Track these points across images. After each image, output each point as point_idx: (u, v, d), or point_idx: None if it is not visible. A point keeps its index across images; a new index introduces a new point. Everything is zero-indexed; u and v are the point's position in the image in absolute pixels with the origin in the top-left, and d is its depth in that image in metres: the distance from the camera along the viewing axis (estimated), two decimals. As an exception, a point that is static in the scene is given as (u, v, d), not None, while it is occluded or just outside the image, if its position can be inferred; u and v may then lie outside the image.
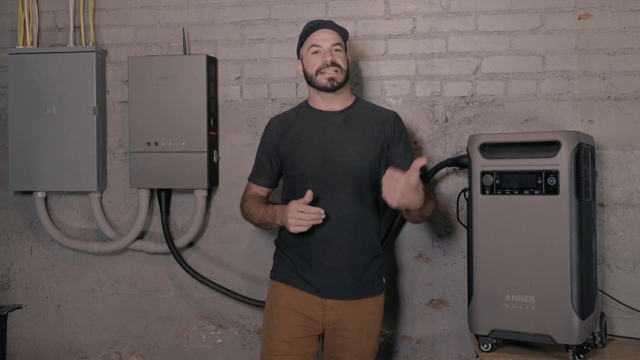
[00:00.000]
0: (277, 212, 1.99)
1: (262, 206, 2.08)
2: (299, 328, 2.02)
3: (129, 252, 2.69)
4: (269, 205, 2.07)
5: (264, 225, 2.08)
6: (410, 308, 2.49)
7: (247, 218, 2.14)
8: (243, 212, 2.16)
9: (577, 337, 1.88)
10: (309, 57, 2.07)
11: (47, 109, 2.61)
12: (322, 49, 2.05)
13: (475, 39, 2.42)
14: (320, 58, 2.04)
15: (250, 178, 2.21)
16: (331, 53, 2.04)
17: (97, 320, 2.73)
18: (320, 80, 2.04)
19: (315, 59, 2.05)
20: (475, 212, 2.02)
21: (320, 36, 2.06)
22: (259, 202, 2.12)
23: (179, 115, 2.50)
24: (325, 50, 2.04)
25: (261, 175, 2.18)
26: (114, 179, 2.69)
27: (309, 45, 2.07)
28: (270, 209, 2.03)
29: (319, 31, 2.07)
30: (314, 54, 2.06)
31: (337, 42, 2.06)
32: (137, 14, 2.69)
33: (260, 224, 2.10)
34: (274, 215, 2.01)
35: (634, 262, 2.32)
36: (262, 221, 2.07)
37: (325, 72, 2.02)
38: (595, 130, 2.34)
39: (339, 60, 2.04)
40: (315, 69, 2.04)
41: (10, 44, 2.77)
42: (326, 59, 2.03)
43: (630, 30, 2.32)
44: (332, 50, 2.04)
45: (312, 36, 2.07)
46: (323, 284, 2.01)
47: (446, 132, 2.45)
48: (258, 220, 2.09)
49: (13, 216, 2.79)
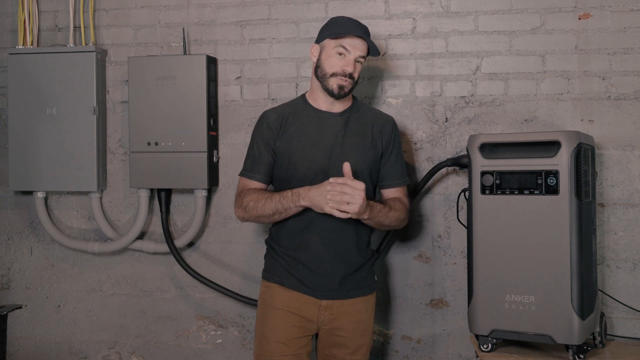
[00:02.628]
0: (304, 192, 1.88)
1: (274, 194, 1.96)
2: (294, 328, 2.02)
3: (129, 252, 2.69)
4: (282, 191, 1.95)
5: (279, 214, 1.95)
6: (410, 308, 2.49)
7: (252, 213, 1.99)
8: (243, 209, 2.01)
9: (577, 337, 1.88)
10: (331, 54, 2.01)
11: (47, 109, 2.61)
12: (348, 56, 2.00)
13: (475, 39, 2.42)
14: (341, 63, 2.00)
15: (245, 174, 2.08)
16: (354, 64, 2.01)
17: (97, 320, 2.73)
18: (331, 83, 2.01)
19: (337, 61, 2.00)
20: (475, 212, 2.02)
21: (354, 43, 2.00)
22: (264, 193, 2.00)
23: (179, 115, 2.50)
24: (350, 58, 2.00)
25: (258, 170, 2.05)
26: (114, 179, 2.69)
27: (337, 44, 2.00)
28: (289, 192, 1.92)
29: (354, 38, 2.01)
30: (338, 54, 2.01)
31: (363, 55, 2.03)
32: (137, 14, 2.69)
33: (273, 213, 1.95)
34: (296, 197, 1.89)
35: (634, 262, 2.32)
36: (276, 209, 1.94)
37: (340, 79, 1.99)
38: (595, 130, 2.34)
39: (355, 74, 2.02)
40: (333, 71, 2.00)
41: (10, 44, 2.77)
42: (346, 68, 1.99)
43: (630, 30, 2.32)
44: (355, 61, 2.02)
45: (346, 39, 2.00)
46: (318, 285, 2.01)
47: (446, 132, 2.45)
48: (271, 210, 1.95)
49: (13, 216, 2.79)
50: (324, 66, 2.02)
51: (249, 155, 2.10)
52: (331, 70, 2.00)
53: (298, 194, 1.90)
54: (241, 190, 2.06)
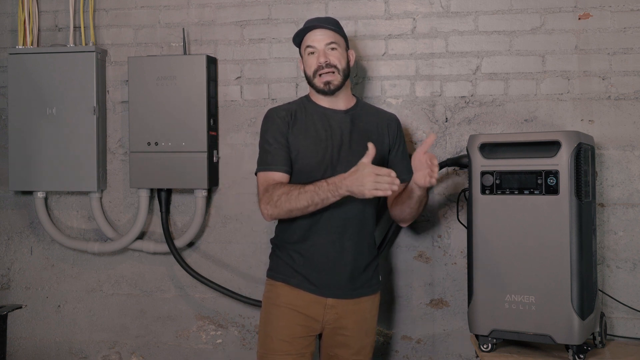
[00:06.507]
0: (339, 181, 1.81)
1: (307, 185, 1.88)
2: (298, 327, 2.02)
3: (129, 252, 2.69)
4: (315, 182, 1.87)
5: (314, 205, 1.87)
6: (410, 308, 2.49)
7: (284, 207, 1.90)
8: (273, 205, 1.92)
9: (577, 337, 1.88)
10: (306, 58, 2.08)
11: (47, 109, 2.61)
12: (316, 50, 2.04)
13: (475, 39, 2.42)
14: (315, 59, 2.04)
15: (266, 168, 2.00)
16: (325, 54, 2.03)
17: (97, 320, 2.73)
18: (317, 83, 2.05)
19: (312, 60, 2.05)
20: (475, 212, 2.01)
21: (314, 36, 2.05)
22: (294, 186, 1.91)
23: (179, 115, 2.50)
24: (319, 50, 2.03)
25: (280, 161, 1.98)
26: (114, 179, 2.69)
27: (304, 46, 2.08)
28: (325, 182, 1.85)
29: (314, 31, 2.06)
30: (309, 54, 2.06)
31: (332, 41, 2.04)
32: (137, 14, 2.69)
33: (308, 205, 1.87)
34: (334, 186, 1.82)
35: (634, 262, 2.32)
36: (312, 201, 1.86)
37: (322, 75, 2.02)
38: (595, 130, 2.34)
39: (333, 60, 2.03)
40: (312, 71, 2.05)
41: (10, 44, 2.77)
42: (320, 61, 2.02)
43: (630, 30, 2.32)
44: (327, 49, 2.03)
45: (307, 37, 2.07)
46: (325, 283, 2.01)
47: (446, 132, 2.45)
48: (306, 201, 1.86)
49: (13, 216, 2.79)
50: (306, 72, 2.09)
51: (265, 151, 2.04)
52: (311, 71, 2.05)
53: (335, 183, 1.83)
54: (266, 186, 1.98)
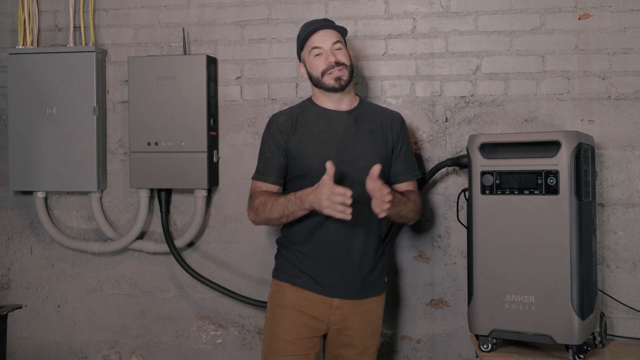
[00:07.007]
0: (305, 196, 1.87)
1: (280, 197, 1.96)
2: (304, 328, 2.02)
3: (129, 252, 2.69)
4: (289, 194, 1.95)
5: (285, 217, 1.96)
6: (410, 308, 2.49)
7: (262, 216, 2.00)
8: (254, 212, 2.02)
9: (577, 337, 1.88)
10: (312, 60, 2.06)
11: (47, 109, 2.61)
12: (323, 50, 2.04)
13: (475, 39, 2.42)
14: (323, 60, 2.04)
15: (257, 177, 2.09)
16: (333, 53, 2.03)
17: (97, 320, 2.73)
18: (327, 81, 2.04)
19: (319, 61, 2.04)
20: (475, 212, 2.02)
21: (320, 37, 2.05)
22: (273, 195, 2.00)
23: (179, 115, 2.50)
24: (327, 51, 2.04)
25: (271, 172, 2.06)
26: (114, 179, 2.69)
27: (310, 48, 2.07)
28: (293, 196, 1.91)
29: (318, 33, 2.06)
30: (316, 56, 2.05)
31: (337, 40, 2.06)
32: (137, 14, 2.69)
33: (280, 217, 1.96)
34: (300, 200, 1.89)
35: (634, 262, 2.32)
36: (283, 213, 1.94)
37: (332, 72, 2.02)
38: (595, 130, 2.34)
39: (342, 59, 2.04)
40: (321, 71, 2.04)
41: (10, 44, 2.77)
42: (330, 60, 2.02)
43: (630, 30, 2.32)
44: (334, 49, 2.04)
45: (312, 38, 2.06)
46: (331, 283, 2.01)
47: (446, 132, 2.45)
48: (278, 213, 1.95)
49: (13, 216, 2.79)
50: (313, 73, 2.07)
51: (260, 159, 2.10)
52: (319, 72, 2.04)
53: (301, 198, 1.89)
54: (251, 193, 2.07)
